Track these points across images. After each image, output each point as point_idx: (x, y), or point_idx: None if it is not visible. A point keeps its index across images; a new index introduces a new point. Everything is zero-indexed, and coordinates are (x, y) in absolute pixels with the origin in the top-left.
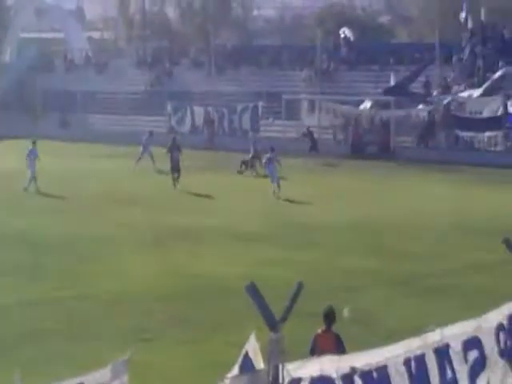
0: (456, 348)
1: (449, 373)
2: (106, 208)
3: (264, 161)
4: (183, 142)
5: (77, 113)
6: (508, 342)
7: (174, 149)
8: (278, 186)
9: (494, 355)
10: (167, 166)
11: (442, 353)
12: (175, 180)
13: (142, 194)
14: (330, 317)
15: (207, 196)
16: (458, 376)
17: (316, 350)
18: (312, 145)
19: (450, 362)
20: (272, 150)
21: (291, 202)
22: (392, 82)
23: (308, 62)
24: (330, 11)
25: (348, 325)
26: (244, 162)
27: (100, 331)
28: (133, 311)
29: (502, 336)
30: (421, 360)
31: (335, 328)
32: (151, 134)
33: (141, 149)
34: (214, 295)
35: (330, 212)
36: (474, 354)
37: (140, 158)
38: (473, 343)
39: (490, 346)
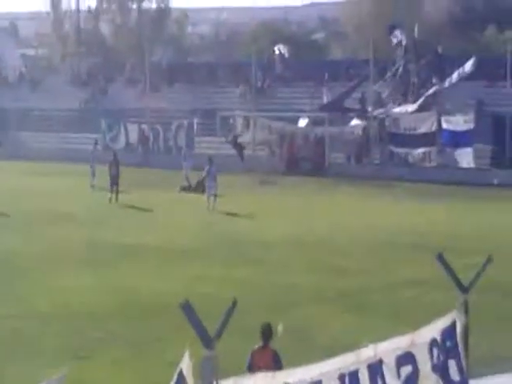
0: (389, 364)
1: None
2: (40, 225)
3: (204, 174)
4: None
5: (10, 130)
6: (441, 357)
7: (114, 164)
8: (215, 197)
9: (427, 370)
10: (104, 181)
11: (376, 368)
12: (115, 194)
13: (77, 210)
14: (266, 333)
15: (143, 213)
16: None
17: (253, 367)
18: (239, 153)
19: (383, 378)
20: (210, 161)
21: (227, 218)
22: (325, 99)
23: (243, 79)
24: (265, 28)
25: (282, 341)
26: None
27: (34, 350)
28: (68, 329)
29: (435, 351)
30: (354, 376)
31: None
32: (96, 143)
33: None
34: (149, 312)
35: (266, 228)
36: (407, 370)
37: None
38: (406, 358)
39: (423, 361)
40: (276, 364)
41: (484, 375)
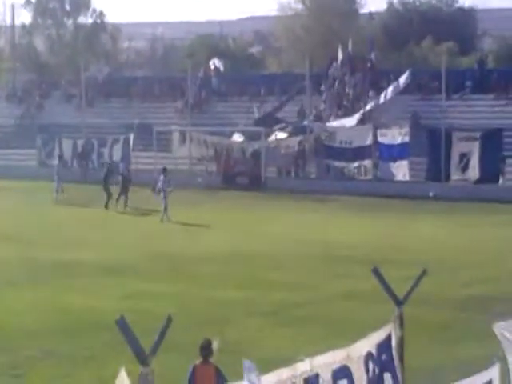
0: (326, 377)
1: None
2: None
3: (159, 184)
4: (53, 175)
5: None
6: (376, 371)
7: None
8: (166, 210)
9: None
10: (35, 198)
11: (313, 383)
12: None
13: (13, 228)
14: (205, 349)
15: (79, 229)
16: None
17: (194, 383)
18: None
19: None
20: (164, 170)
21: (162, 233)
22: (256, 114)
23: (179, 94)
24: (201, 42)
25: (219, 356)
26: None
27: None
28: (2, 347)
29: (370, 365)
30: None
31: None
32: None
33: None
34: (85, 329)
35: (201, 243)
36: (343, 383)
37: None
38: (342, 372)
39: (359, 375)
40: (218, 380)
41: None
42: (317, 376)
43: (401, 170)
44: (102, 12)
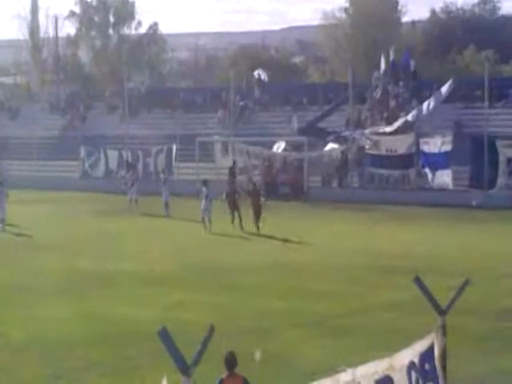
0: None
1: None
2: (18, 254)
3: (200, 197)
4: (97, 187)
5: None
6: (420, 381)
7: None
8: (209, 222)
9: None
10: (77, 209)
11: None
12: None
13: (56, 239)
14: (229, 362)
15: (119, 240)
16: None
17: None
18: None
19: None
20: (205, 184)
21: (206, 243)
22: (295, 124)
23: (222, 104)
24: (244, 52)
25: (260, 367)
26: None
27: (11, 380)
28: (46, 358)
29: (413, 374)
30: None
31: (246, 371)
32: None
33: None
34: (128, 340)
35: (244, 253)
36: None
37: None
38: (384, 382)
39: None
40: None
41: None
42: None
43: (444, 179)
44: (156, 23)
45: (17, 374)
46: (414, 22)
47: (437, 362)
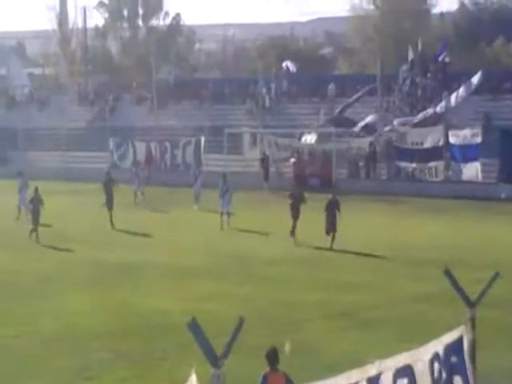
0: (387, 376)
1: None
2: (47, 244)
3: (218, 191)
4: (126, 177)
5: (18, 150)
6: (443, 373)
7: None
8: (228, 215)
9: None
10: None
11: (374, 381)
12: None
13: (84, 230)
14: (272, 358)
15: (149, 231)
16: None
17: None
18: (265, 173)
19: None
20: (224, 178)
21: (235, 235)
22: (322, 117)
23: (250, 95)
24: (272, 43)
25: (290, 358)
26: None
27: (40, 370)
28: (74, 349)
29: (436, 365)
30: None
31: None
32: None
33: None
34: (156, 331)
35: (272, 245)
36: (402, 382)
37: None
38: (404, 371)
39: (422, 375)
40: None
41: None
42: (379, 374)
43: (472, 171)
44: (178, 14)
45: (46, 364)
46: (442, 14)
47: (466, 355)
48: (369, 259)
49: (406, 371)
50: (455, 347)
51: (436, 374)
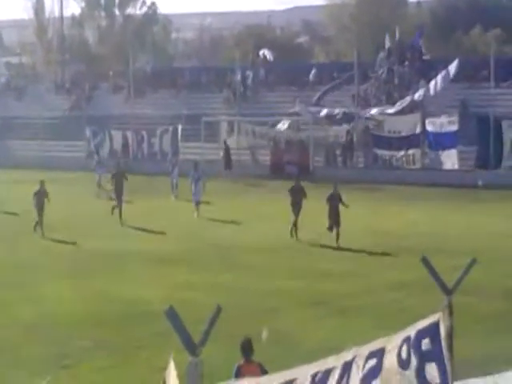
0: (360, 358)
1: (344, 380)
2: (26, 233)
3: (190, 179)
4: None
5: None
6: (412, 355)
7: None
8: (198, 204)
9: (393, 365)
10: (83, 190)
11: (348, 365)
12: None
13: (61, 218)
14: (246, 348)
15: (126, 220)
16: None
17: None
18: (226, 161)
19: (349, 372)
20: (196, 166)
21: (212, 224)
22: (297, 107)
23: (227, 84)
24: (249, 32)
25: (267, 346)
26: None
27: (19, 358)
28: (52, 337)
29: (404, 346)
30: (327, 372)
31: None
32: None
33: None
34: (135, 319)
35: (250, 233)
36: (371, 362)
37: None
38: (374, 354)
39: (390, 356)
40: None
41: (469, 377)
42: (354, 358)
43: (450, 159)
44: (154, 3)
45: (24, 353)
46: (419, 2)
47: (443, 342)
48: (346, 247)
49: (377, 353)
50: (429, 333)
51: (404, 355)
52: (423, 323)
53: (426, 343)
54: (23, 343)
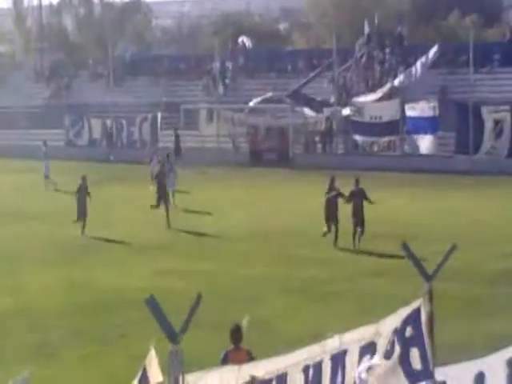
0: (353, 353)
1: (339, 377)
2: (2, 222)
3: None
4: (81, 155)
5: None
6: (396, 344)
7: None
8: (173, 194)
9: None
10: (62, 178)
11: (338, 358)
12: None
13: (39, 207)
14: (235, 335)
15: (105, 208)
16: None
17: None
18: (176, 148)
19: (344, 367)
20: (168, 157)
21: (190, 212)
22: (270, 93)
23: (206, 71)
24: (227, 19)
25: (248, 333)
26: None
27: None
28: (32, 326)
29: (395, 339)
30: (318, 367)
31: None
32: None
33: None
34: (115, 308)
35: (230, 221)
36: (366, 359)
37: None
38: (369, 348)
39: (384, 349)
40: None
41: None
42: (344, 352)
43: (429, 144)
44: None
45: (4, 342)
46: None
47: (424, 328)
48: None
49: (371, 348)
50: (412, 319)
51: (388, 346)
52: (406, 311)
53: (408, 330)
54: (3, 332)
